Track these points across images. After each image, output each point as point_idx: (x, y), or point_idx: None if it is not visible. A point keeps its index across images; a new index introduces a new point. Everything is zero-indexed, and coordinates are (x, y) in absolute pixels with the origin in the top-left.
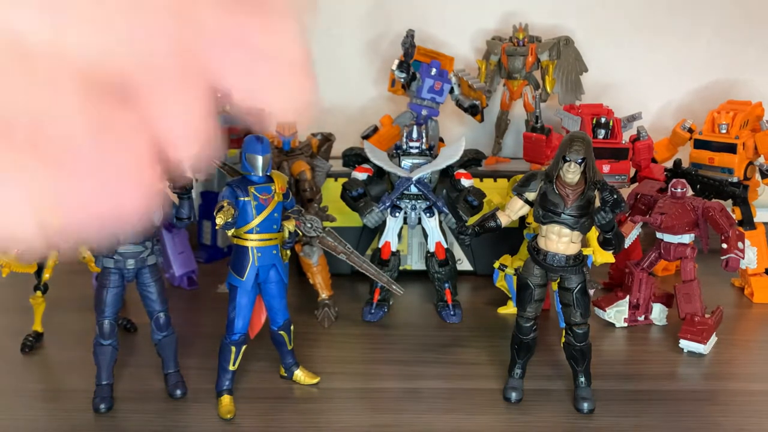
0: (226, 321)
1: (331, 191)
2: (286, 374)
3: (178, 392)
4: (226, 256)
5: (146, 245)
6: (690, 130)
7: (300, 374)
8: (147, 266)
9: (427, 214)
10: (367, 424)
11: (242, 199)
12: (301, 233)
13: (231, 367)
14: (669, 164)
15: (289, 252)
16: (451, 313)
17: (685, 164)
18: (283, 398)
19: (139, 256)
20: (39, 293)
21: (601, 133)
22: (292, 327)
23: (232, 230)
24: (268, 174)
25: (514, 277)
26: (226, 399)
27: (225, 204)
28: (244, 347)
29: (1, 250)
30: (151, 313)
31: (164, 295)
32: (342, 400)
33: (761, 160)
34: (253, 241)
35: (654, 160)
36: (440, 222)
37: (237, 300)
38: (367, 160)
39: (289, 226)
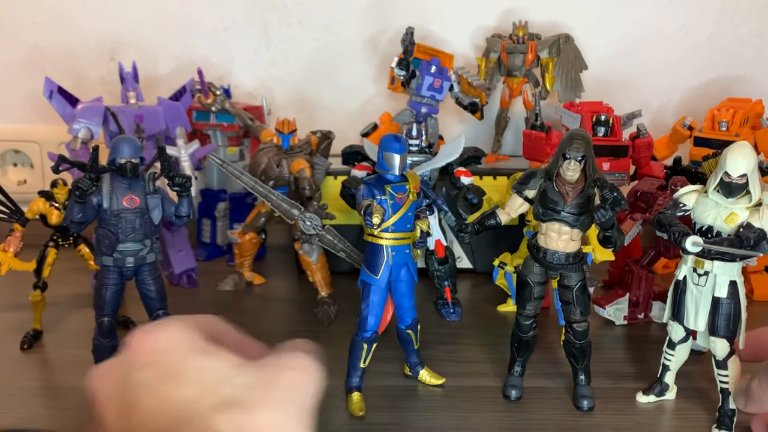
0: (359, 318)
1: (331, 189)
2: (410, 373)
3: None
4: (225, 254)
5: (145, 243)
6: (690, 128)
7: (425, 374)
8: (146, 264)
9: (427, 212)
10: (367, 422)
11: (379, 197)
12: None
13: (362, 365)
14: (669, 162)
15: (419, 251)
16: (451, 310)
17: (685, 162)
18: None
19: (139, 254)
20: (38, 291)
21: (601, 130)
22: (419, 326)
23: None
24: (403, 173)
25: (514, 275)
26: (356, 396)
27: (372, 202)
28: (375, 345)
29: (0, 248)
30: (150, 310)
31: (164, 293)
32: (341, 398)
33: (761, 157)
34: (387, 240)
35: (654, 158)
36: (440, 220)
37: (370, 297)
38: (366, 158)
39: (422, 225)
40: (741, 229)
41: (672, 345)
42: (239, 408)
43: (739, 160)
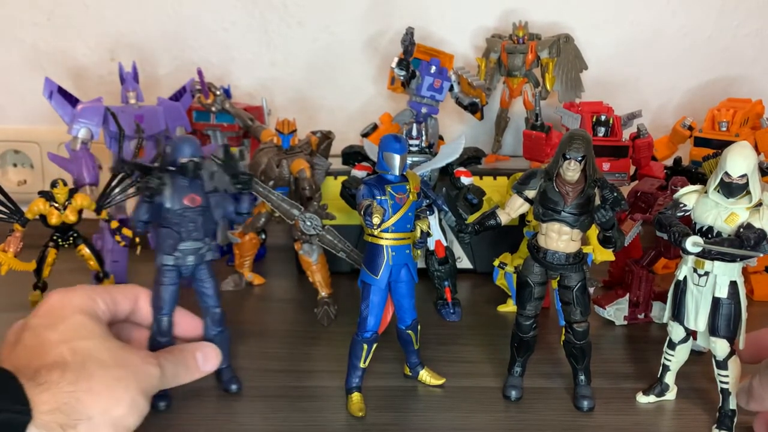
0: (358, 318)
1: (331, 189)
2: (410, 373)
3: (234, 387)
4: (225, 255)
5: (205, 241)
6: (690, 128)
7: (425, 374)
8: (204, 262)
9: (427, 212)
10: (367, 422)
11: (379, 198)
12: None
13: (362, 365)
14: (669, 162)
15: (419, 252)
16: (451, 311)
17: (685, 162)
18: (284, 396)
19: (199, 252)
20: (38, 291)
21: (601, 130)
22: (419, 327)
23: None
24: (403, 173)
25: (514, 275)
26: (356, 397)
27: (372, 203)
28: (375, 345)
29: (0, 248)
30: (206, 308)
31: (219, 291)
32: (341, 398)
33: (762, 157)
34: (387, 240)
35: (654, 158)
36: (440, 220)
37: (370, 298)
38: (366, 158)
39: (422, 225)
40: (741, 230)
41: (672, 345)
42: (84, 358)
43: (740, 161)
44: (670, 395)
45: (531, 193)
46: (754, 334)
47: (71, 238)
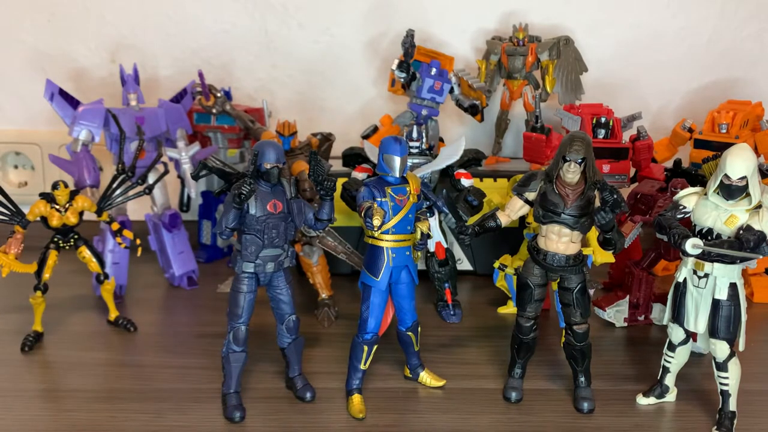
0: (359, 320)
1: None
2: (411, 375)
3: (309, 395)
4: (225, 256)
5: (284, 248)
6: (690, 130)
7: (425, 376)
8: (282, 269)
9: (427, 214)
10: (367, 423)
11: (379, 199)
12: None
13: (362, 366)
14: (669, 164)
15: (419, 253)
16: (451, 312)
17: (685, 164)
18: (286, 398)
19: (278, 259)
20: (39, 293)
21: (601, 132)
22: (419, 328)
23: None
24: (404, 175)
25: (514, 277)
26: (356, 398)
27: (372, 204)
28: (375, 347)
29: (1, 250)
30: (281, 316)
31: (294, 298)
32: (342, 399)
33: (761, 160)
34: (388, 242)
35: (654, 160)
36: (440, 222)
37: (370, 299)
38: (367, 160)
39: (422, 227)
40: (741, 232)
41: (672, 347)
42: None
43: (739, 163)
44: (670, 397)
45: (531, 195)
46: None
47: (72, 240)
